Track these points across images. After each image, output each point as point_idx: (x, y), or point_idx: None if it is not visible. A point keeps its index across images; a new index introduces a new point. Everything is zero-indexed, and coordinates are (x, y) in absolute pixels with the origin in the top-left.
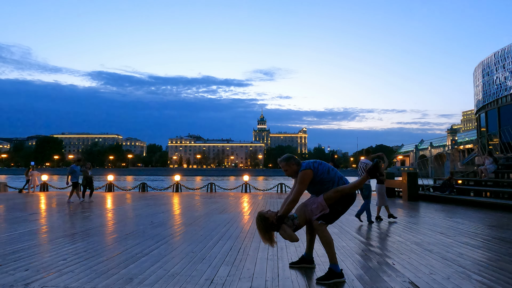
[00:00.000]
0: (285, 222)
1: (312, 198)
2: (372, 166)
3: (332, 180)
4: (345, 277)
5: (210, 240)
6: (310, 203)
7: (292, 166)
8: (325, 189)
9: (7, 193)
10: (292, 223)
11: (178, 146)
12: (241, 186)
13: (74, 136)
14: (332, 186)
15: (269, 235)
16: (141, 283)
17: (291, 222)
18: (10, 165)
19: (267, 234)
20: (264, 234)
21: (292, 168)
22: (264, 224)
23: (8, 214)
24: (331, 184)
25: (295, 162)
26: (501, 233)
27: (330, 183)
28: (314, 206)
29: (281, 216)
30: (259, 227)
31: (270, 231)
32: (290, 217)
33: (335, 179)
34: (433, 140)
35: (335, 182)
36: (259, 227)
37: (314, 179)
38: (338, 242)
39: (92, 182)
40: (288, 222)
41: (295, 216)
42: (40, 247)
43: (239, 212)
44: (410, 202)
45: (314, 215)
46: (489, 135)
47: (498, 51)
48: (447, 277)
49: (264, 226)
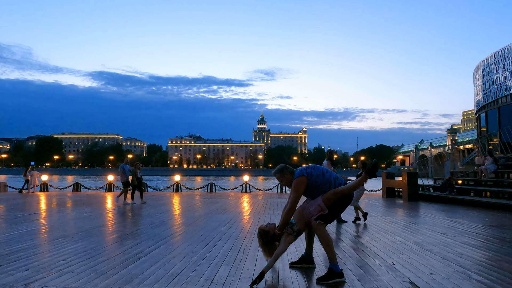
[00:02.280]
0: (285, 230)
1: (310, 201)
2: (371, 166)
3: (328, 181)
4: (345, 277)
5: (210, 240)
6: (308, 205)
7: (286, 176)
8: (322, 192)
9: (7, 193)
10: (291, 230)
11: (178, 146)
12: (241, 186)
13: (74, 136)
14: (329, 187)
15: (270, 249)
16: (141, 283)
17: (291, 230)
18: (10, 165)
19: (268, 249)
20: (265, 249)
21: (286, 178)
22: (265, 239)
23: (8, 214)
24: (328, 186)
25: (288, 171)
26: (501, 233)
27: (326, 185)
28: (312, 208)
29: (281, 227)
30: (261, 242)
31: (272, 244)
32: (289, 224)
33: (331, 180)
34: (433, 140)
35: (331, 184)
36: (260, 242)
37: (309, 185)
38: (338, 242)
39: (142, 183)
40: (288, 230)
41: (293, 222)
42: (40, 247)
43: (239, 212)
44: (410, 202)
45: (313, 216)
46: (489, 135)
47: (498, 51)
48: (447, 277)
49: (265, 241)
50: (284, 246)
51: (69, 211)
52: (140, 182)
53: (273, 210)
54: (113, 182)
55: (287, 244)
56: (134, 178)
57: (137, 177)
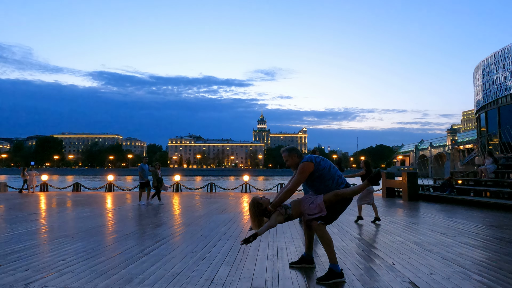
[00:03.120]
0: (278, 209)
1: (310, 196)
2: (374, 175)
3: (332, 178)
4: (345, 277)
5: (210, 240)
6: (307, 201)
7: (293, 157)
8: (323, 187)
9: (7, 193)
10: (285, 211)
11: (178, 146)
12: (241, 186)
13: (74, 136)
14: (332, 184)
15: (259, 221)
16: (141, 283)
17: (284, 211)
18: (10, 165)
19: (257, 220)
20: (255, 220)
21: (293, 159)
22: (257, 210)
23: (8, 214)
24: (331, 182)
25: (297, 154)
26: (501, 233)
27: (330, 180)
28: (312, 205)
29: (275, 204)
30: (252, 212)
31: (261, 217)
32: (284, 206)
33: (335, 177)
34: (433, 140)
35: (334, 181)
36: (251, 212)
37: (314, 173)
38: (338, 242)
39: (162, 183)
40: (281, 210)
41: (289, 206)
42: (40, 247)
43: (239, 212)
44: (410, 202)
45: (310, 214)
46: (489, 135)
47: (498, 51)
48: (447, 277)
49: (256, 212)
50: (274, 222)
51: (69, 211)
52: (160, 182)
53: None
54: (113, 182)
55: (276, 222)
56: (154, 178)
57: (158, 178)
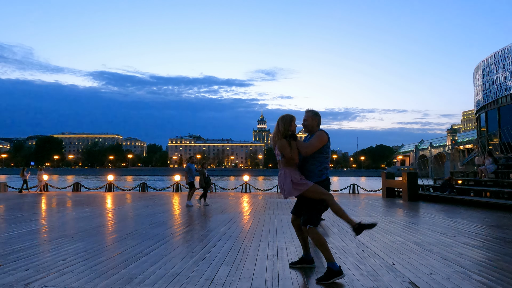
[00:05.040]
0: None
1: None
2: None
3: (327, 160)
4: (344, 273)
5: (210, 240)
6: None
7: (314, 122)
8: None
9: (7, 193)
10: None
11: (178, 146)
12: (241, 186)
13: (74, 136)
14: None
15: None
16: (141, 283)
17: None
18: (10, 165)
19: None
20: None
21: (313, 123)
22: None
23: (8, 214)
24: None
25: (319, 121)
26: (501, 233)
27: (324, 162)
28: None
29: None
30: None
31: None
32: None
33: (327, 162)
34: (433, 140)
35: (326, 166)
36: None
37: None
38: (338, 242)
39: (209, 183)
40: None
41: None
42: (40, 247)
43: (239, 212)
44: (410, 202)
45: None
46: (489, 135)
47: (498, 51)
48: (447, 277)
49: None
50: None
51: (69, 211)
52: (207, 182)
53: (273, 210)
54: (113, 182)
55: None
56: (202, 178)
57: (205, 178)
